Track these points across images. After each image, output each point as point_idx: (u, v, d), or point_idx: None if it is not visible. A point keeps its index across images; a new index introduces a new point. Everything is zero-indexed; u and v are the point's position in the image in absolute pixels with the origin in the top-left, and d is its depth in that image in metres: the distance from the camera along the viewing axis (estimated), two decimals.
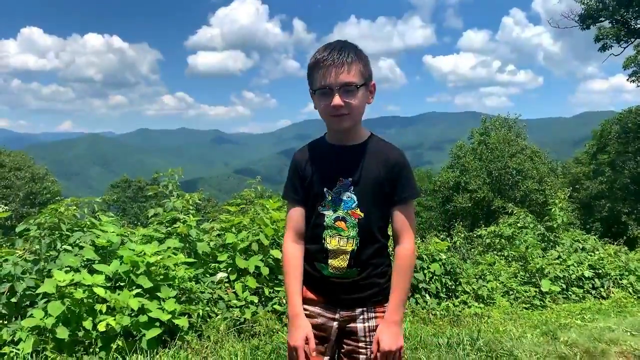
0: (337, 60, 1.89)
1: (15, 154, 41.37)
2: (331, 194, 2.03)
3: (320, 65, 1.92)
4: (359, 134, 2.07)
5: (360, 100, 1.95)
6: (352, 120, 1.98)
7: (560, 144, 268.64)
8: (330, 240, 2.03)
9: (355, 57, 1.92)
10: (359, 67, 1.93)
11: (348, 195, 2.01)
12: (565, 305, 7.49)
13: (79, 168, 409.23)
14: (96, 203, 5.72)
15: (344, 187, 2.02)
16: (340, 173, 2.02)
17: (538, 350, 4.46)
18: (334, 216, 2.03)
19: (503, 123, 37.80)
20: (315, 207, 2.07)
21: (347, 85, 1.90)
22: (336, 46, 1.93)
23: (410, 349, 4.32)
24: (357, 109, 1.96)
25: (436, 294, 6.59)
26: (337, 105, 1.91)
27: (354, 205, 2.01)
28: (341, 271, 2.03)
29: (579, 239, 10.30)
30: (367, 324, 2.07)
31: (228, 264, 5.38)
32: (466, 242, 12.38)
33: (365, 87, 1.96)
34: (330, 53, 1.91)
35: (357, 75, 1.92)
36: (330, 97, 1.92)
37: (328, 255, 2.04)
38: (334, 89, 1.90)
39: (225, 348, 4.14)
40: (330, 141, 2.10)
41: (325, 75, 1.91)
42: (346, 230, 2.02)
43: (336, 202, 2.02)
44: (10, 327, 4.05)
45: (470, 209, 34.93)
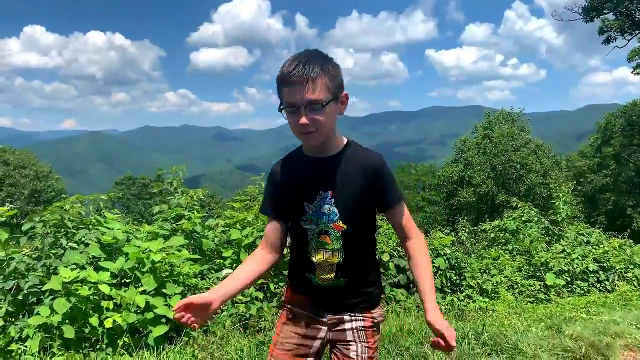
0: (302, 77, 1.82)
1: (20, 152, 41.53)
2: (312, 208, 2.00)
3: (285, 81, 1.86)
4: (334, 144, 2.02)
5: (329, 115, 1.89)
6: (322, 135, 1.93)
7: (564, 138, 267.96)
8: (315, 254, 2.02)
9: (320, 72, 1.84)
10: (325, 81, 1.85)
11: (329, 208, 1.98)
12: (570, 299, 7.49)
13: (82, 166, 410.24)
14: (101, 200, 5.74)
15: (324, 200, 1.98)
16: (318, 186, 1.98)
17: (543, 344, 4.47)
18: (317, 230, 2.00)
19: (506, 117, 37.72)
20: (297, 221, 2.04)
21: (312, 103, 1.84)
22: (302, 60, 1.85)
23: (415, 344, 4.33)
24: (326, 125, 1.90)
25: (441, 289, 6.60)
26: (304, 124, 1.87)
27: (335, 218, 1.98)
28: (329, 282, 2.03)
29: (583, 232, 10.28)
30: (354, 325, 2.06)
31: (233, 260, 5.39)
32: (470, 237, 12.39)
33: (333, 101, 1.90)
34: (295, 68, 1.83)
35: (323, 91, 1.85)
36: (297, 115, 1.87)
37: (315, 268, 2.03)
38: (300, 107, 1.85)
39: (231, 343, 4.16)
40: (306, 153, 2.06)
41: (291, 93, 1.86)
42: (330, 244, 2.00)
43: (318, 216, 1.99)
44: (17, 324, 4.07)
45: (475, 204, 34.91)
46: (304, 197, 2.01)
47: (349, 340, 2.06)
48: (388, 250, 6.27)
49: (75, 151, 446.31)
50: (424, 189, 42.09)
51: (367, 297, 2.09)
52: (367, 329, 2.07)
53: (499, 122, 37.36)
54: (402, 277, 6.23)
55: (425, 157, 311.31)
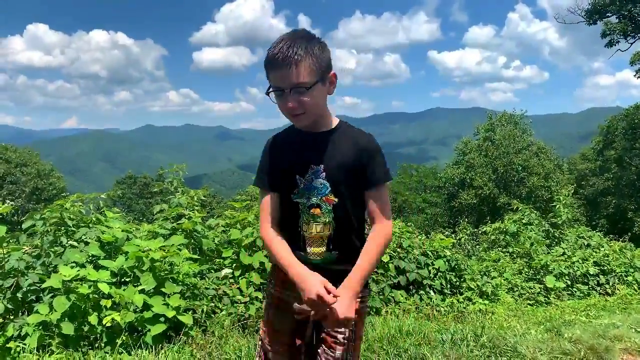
0: (285, 60, 1.84)
1: (21, 150, 41.61)
2: (303, 182, 2.03)
3: (271, 64, 1.89)
4: (327, 122, 2.06)
5: (316, 97, 1.92)
6: (310, 117, 1.97)
7: (566, 140, 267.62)
8: (307, 227, 2.04)
9: (304, 54, 1.86)
10: (310, 63, 1.87)
11: (320, 182, 2.01)
12: (569, 302, 7.48)
13: (84, 164, 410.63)
14: (101, 199, 5.75)
15: (316, 174, 2.01)
16: (310, 160, 2.02)
17: (542, 347, 4.46)
18: (308, 203, 2.03)
19: (509, 119, 37.69)
20: (288, 195, 2.06)
21: (297, 86, 1.87)
22: (286, 42, 1.87)
23: (414, 345, 4.32)
24: (313, 106, 1.93)
25: (440, 291, 6.59)
26: (291, 107, 1.91)
27: (327, 192, 2.01)
28: (320, 256, 2.04)
29: (583, 235, 10.27)
30: None
31: (233, 259, 5.40)
32: (471, 239, 12.38)
33: (320, 83, 1.92)
34: (279, 51, 1.85)
35: (308, 73, 1.87)
36: (284, 99, 1.91)
37: (306, 242, 2.05)
38: (285, 90, 1.89)
39: (230, 343, 4.16)
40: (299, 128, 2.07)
41: (276, 77, 1.89)
42: (322, 217, 2.02)
43: (309, 189, 2.02)
44: (16, 322, 4.08)
45: (476, 206, 34.90)
46: (296, 170, 2.04)
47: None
48: (388, 252, 6.26)
49: (78, 150, 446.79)
50: (425, 191, 42.08)
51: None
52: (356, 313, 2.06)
53: (501, 124, 37.34)
54: (402, 278, 6.23)
55: (427, 157, 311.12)
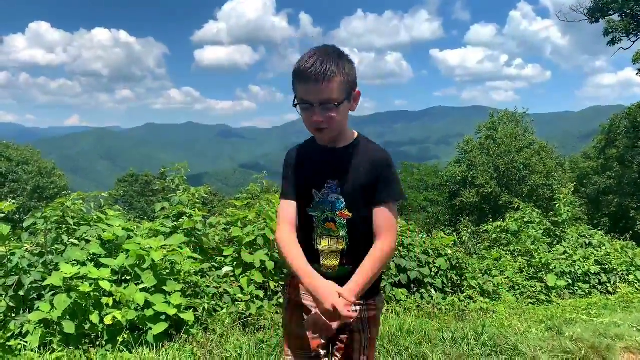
0: (318, 76, 1.87)
1: (23, 148, 41.61)
2: (319, 196, 2.06)
3: (301, 77, 1.92)
4: (345, 137, 2.09)
5: (341, 114, 1.97)
6: (333, 132, 2.01)
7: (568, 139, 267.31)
8: (321, 241, 2.06)
9: (336, 71, 1.89)
10: (340, 80, 1.91)
11: (336, 196, 2.03)
12: (571, 301, 7.47)
13: (86, 162, 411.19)
14: (102, 198, 5.75)
15: (332, 189, 2.04)
16: (327, 175, 2.05)
17: (543, 345, 4.46)
18: (323, 217, 2.05)
19: (510, 117, 37.64)
20: (304, 208, 2.09)
21: (326, 102, 1.90)
22: (319, 57, 1.90)
23: (415, 344, 4.33)
24: (338, 122, 1.97)
25: (442, 289, 6.59)
26: (317, 122, 1.94)
27: (342, 207, 2.03)
28: (333, 269, 2.07)
29: (585, 234, 10.25)
30: (360, 315, 2.10)
31: (234, 258, 5.40)
32: (473, 237, 12.37)
33: (347, 100, 1.96)
34: (312, 65, 1.88)
35: (338, 90, 1.90)
36: (310, 112, 1.94)
37: (320, 255, 2.07)
38: (314, 105, 1.92)
39: (231, 342, 4.17)
40: (319, 143, 2.12)
41: (306, 91, 1.91)
42: (336, 231, 2.05)
43: (324, 204, 2.05)
44: (17, 319, 4.09)
45: (477, 204, 34.87)
46: (313, 184, 2.06)
47: (354, 331, 2.11)
48: None
49: (80, 148, 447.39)
50: (426, 189, 42.07)
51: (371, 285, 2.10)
52: (370, 320, 2.12)
53: (503, 123, 37.30)
54: (403, 276, 6.23)
55: (429, 156, 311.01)
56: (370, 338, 2.12)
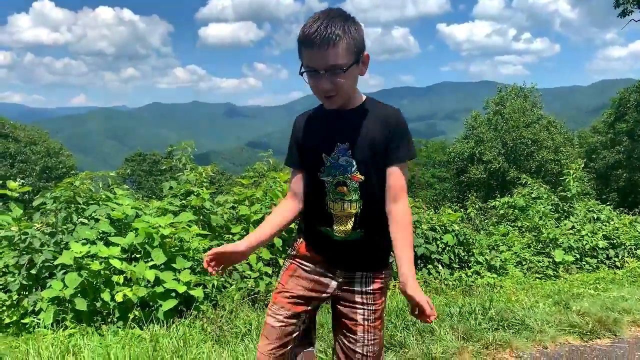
0: (323, 40, 1.80)
1: (30, 128, 41.78)
2: (329, 160, 2.01)
3: (306, 43, 1.85)
4: (354, 100, 2.03)
5: (350, 78, 1.90)
6: (342, 98, 1.95)
7: (577, 113, 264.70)
8: (333, 205, 2.03)
9: (341, 34, 1.82)
10: (347, 44, 1.83)
11: (346, 159, 1.99)
12: (578, 275, 7.49)
13: (93, 142, 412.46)
14: (110, 177, 5.78)
15: (342, 152, 1.99)
16: (337, 138, 2.00)
17: (550, 319, 4.49)
18: (335, 181, 2.02)
19: (519, 92, 37.28)
20: (315, 174, 2.05)
21: (333, 67, 1.84)
22: (323, 21, 1.82)
23: None
24: (347, 87, 1.91)
25: (449, 265, 6.62)
26: (325, 89, 1.88)
27: (353, 170, 1.99)
28: (346, 234, 2.04)
29: (593, 209, 10.23)
30: (364, 288, 2.08)
31: (242, 235, 5.43)
32: (480, 213, 12.37)
33: (355, 64, 1.89)
34: (316, 30, 1.80)
35: (345, 54, 1.84)
36: (318, 79, 1.87)
37: (333, 220, 2.05)
38: (320, 71, 1.85)
39: (240, 317, 4.22)
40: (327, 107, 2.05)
41: (311, 57, 1.85)
42: (348, 195, 2.01)
43: (335, 168, 2.00)
44: (30, 297, 4.16)
45: (485, 180, 34.80)
46: (323, 148, 2.02)
47: (357, 302, 2.08)
48: None
49: (86, 127, 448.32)
50: (434, 166, 41.96)
51: (380, 253, 2.10)
52: (375, 292, 2.09)
53: (511, 98, 36.96)
54: None
55: (437, 132, 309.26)
56: (375, 310, 2.09)
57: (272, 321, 2.12)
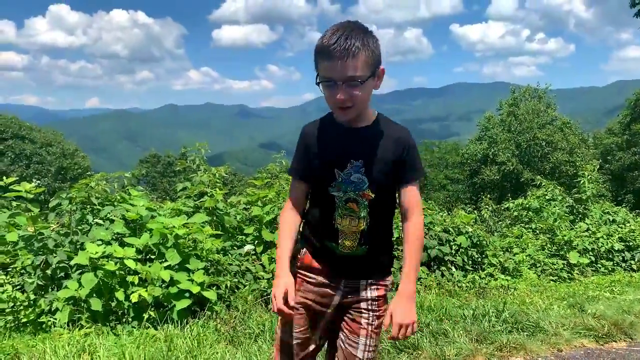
0: (342, 52, 1.80)
1: (46, 130, 42.25)
2: (342, 176, 2.02)
3: (324, 54, 1.85)
4: (366, 116, 2.04)
5: (366, 91, 1.91)
6: (356, 111, 1.95)
7: (592, 114, 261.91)
8: (342, 220, 2.04)
9: (361, 47, 1.82)
10: (365, 57, 1.84)
11: (358, 177, 2.00)
12: (593, 278, 7.41)
13: (107, 143, 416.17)
14: (126, 178, 5.84)
15: (355, 169, 2.00)
16: (351, 155, 2.00)
17: (565, 322, 4.45)
18: (345, 197, 2.03)
19: (533, 93, 36.98)
20: (325, 188, 2.05)
21: (351, 79, 1.84)
22: (342, 33, 1.83)
23: (436, 320, 4.35)
24: (362, 100, 1.92)
25: (462, 267, 6.59)
26: (341, 100, 1.88)
27: (365, 187, 2.00)
28: (351, 249, 2.06)
29: (609, 211, 10.12)
30: (370, 294, 2.10)
31: (255, 236, 5.46)
32: (494, 215, 12.28)
33: (371, 77, 1.90)
34: (336, 42, 1.81)
35: (363, 67, 1.84)
36: (334, 90, 1.87)
37: (339, 235, 2.06)
38: (338, 83, 1.85)
39: (253, 318, 4.23)
40: (340, 122, 2.05)
41: (329, 68, 1.85)
42: (357, 211, 2.03)
43: (346, 184, 2.01)
44: (47, 297, 4.21)
45: (499, 182, 34.55)
46: (336, 163, 2.03)
47: (362, 308, 2.10)
48: None
49: (101, 129, 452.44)
50: (447, 167, 41.77)
51: (383, 264, 2.14)
52: (379, 299, 2.12)
53: (525, 99, 36.67)
54: (423, 254, 6.24)
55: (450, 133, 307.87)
56: (378, 317, 2.11)
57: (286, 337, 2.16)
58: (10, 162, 36.90)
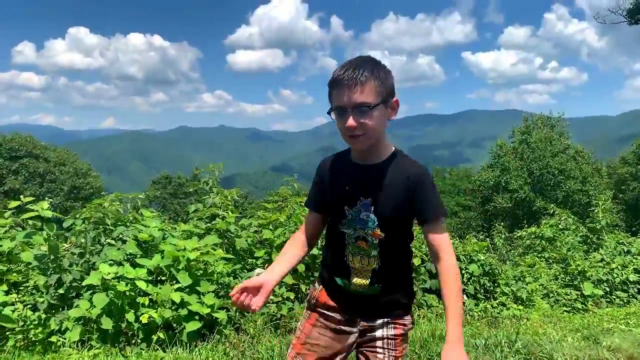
0: (351, 80, 1.85)
1: (60, 149, 42.76)
2: (351, 213, 2.01)
3: (335, 84, 1.90)
4: (381, 152, 2.02)
5: (377, 120, 1.90)
6: (368, 140, 1.94)
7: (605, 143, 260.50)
8: (353, 258, 2.04)
9: (370, 76, 1.86)
10: (374, 85, 1.87)
11: (367, 215, 1.98)
12: (608, 310, 7.28)
13: (121, 164, 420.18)
14: (139, 199, 5.87)
15: (364, 207, 1.99)
16: (360, 193, 1.99)
17: (579, 355, 4.36)
18: (355, 235, 2.02)
19: (545, 121, 36.91)
20: (336, 224, 2.06)
21: (360, 105, 1.86)
22: (352, 64, 1.88)
23: None
24: (373, 129, 1.91)
25: (474, 295, 6.51)
26: (351, 127, 1.89)
27: (374, 225, 1.98)
28: (364, 288, 2.04)
29: (623, 241, 9.97)
30: (386, 332, 2.06)
31: (265, 259, 5.45)
32: (506, 243, 12.17)
33: (383, 105, 1.91)
34: (345, 72, 1.87)
35: (372, 94, 1.86)
36: (345, 118, 1.89)
37: (351, 272, 2.05)
38: (347, 110, 1.88)
39: (262, 343, 4.20)
40: (353, 158, 2.07)
41: (339, 96, 1.89)
42: (367, 250, 2.01)
43: (356, 221, 2.01)
44: (57, 316, 4.21)
45: (511, 210, 34.27)
46: (345, 201, 2.02)
47: (378, 347, 2.07)
48: (420, 255, 6.22)
49: (115, 149, 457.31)
50: (458, 194, 41.58)
51: (400, 303, 2.09)
52: (397, 338, 2.07)
53: (537, 127, 36.59)
54: (435, 282, 6.18)
55: (462, 160, 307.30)
56: (396, 357, 2.07)
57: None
58: (24, 180, 37.31)
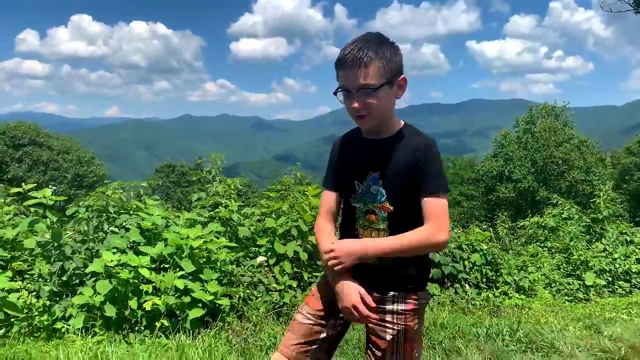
0: (355, 61, 1.87)
1: (64, 138, 42.76)
2: (361, 187, 2.05)
3: (340, 64, 1.93)
4: (390, 127, 2.05)
5: (382, 100, 1.92)
6: (374, 119, 1.97)
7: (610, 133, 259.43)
8: (363, 232, 2.07)
9: (374, 56, 1.87)
10: (379, 66, 1.88)
11: (376, 189, 2.02)
12: (610, 299, 7.29)
13: (124, 152, 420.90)
14: (142, 187, 5.89)
15: (373, 181, 2.02)
16: (369, 167, 2.03)
17: (580, 344, 4.38)
18: (365, 209, 2.05)
19: (550, 111, 36.71)
20: (347, 199, 2.11)
21: (364, 87, 1.89)
22: (357, 44, 1.90)
23: (449, 338, 4.31)
24: (378, 109, 1.93)
25: (476, 284, 6.52)
26: (356, 108, 1.92)
27: (382, 199, 2.01)
28: (374, 261, 2.03)
29: (626, 231, 9.96)
30: (396, 307, 2.05)
31: (268, 248, 5.46)
32: (509, 233, 12.17)
33: (388, 85, 1.92)
34: (350, 52, 1.89)
35: (376, 75, 1.88)
36: (350, 99, 1.93)
37: None
38: (352, 91, 1.91)
39: (265, 330, 4.23)
40: (363, 133, 2.11)
41: (344, 77, 1.92)
42: (376, 223, 2.04)
43: (366, 195, 2.04)
44: (61, 304, 4.24)
45: (514, 199, 34.21)
46: (355, 176, 2.07)
47: (387, 321, 2.05)
48: None
49: (119, 138, 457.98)
50: (461, 183, 41.52)
51: (413, 278, 2.07)
52: (407, 313, 2.05)
53: (542, 117, 36.40)
54: (437, 271, 6.19)
55: (466, 149, 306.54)
56: (406, 332, 2.04)
57: (301, 318, 2.18)
58: (27, 168, 37.38)
